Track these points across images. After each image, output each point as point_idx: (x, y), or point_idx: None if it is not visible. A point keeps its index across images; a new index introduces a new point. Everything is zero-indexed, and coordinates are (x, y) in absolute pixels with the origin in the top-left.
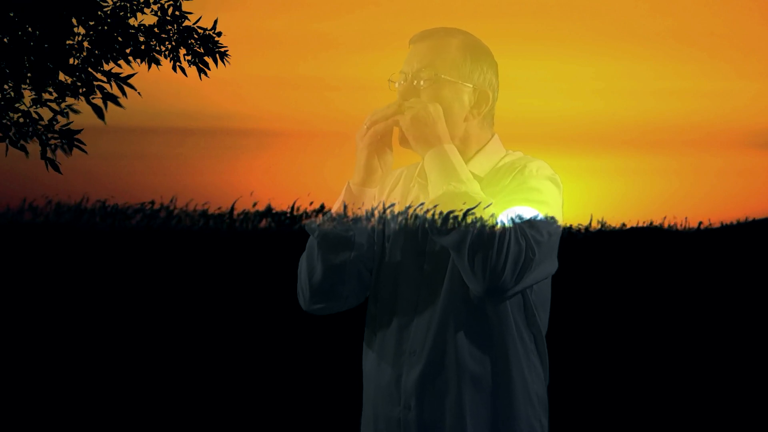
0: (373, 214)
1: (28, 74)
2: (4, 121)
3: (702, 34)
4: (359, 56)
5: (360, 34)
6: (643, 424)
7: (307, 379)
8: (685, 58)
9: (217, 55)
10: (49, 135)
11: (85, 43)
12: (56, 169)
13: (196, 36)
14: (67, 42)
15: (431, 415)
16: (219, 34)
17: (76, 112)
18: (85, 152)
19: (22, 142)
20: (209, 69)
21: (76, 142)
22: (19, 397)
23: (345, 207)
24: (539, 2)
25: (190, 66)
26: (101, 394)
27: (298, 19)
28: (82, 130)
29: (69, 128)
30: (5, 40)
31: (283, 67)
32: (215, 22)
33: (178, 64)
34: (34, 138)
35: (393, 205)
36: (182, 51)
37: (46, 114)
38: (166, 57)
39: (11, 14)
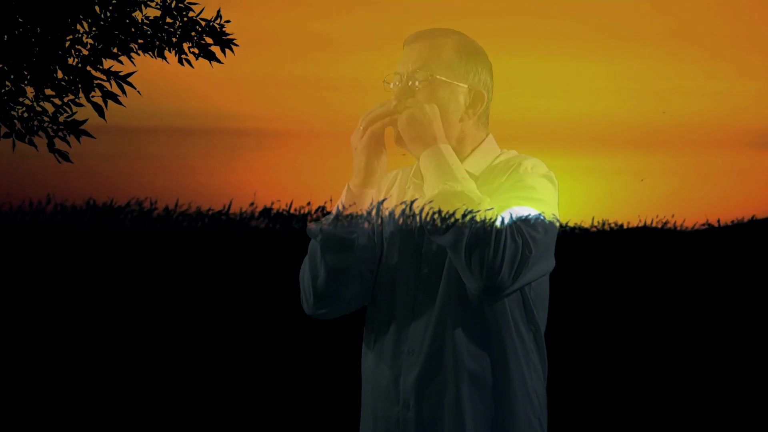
0: (371, 215)
1: (27, 74)
2: (12, 113)
3: (703, 34)
4: (358, 56)
5: (359, 34)
6: (642, 424)
7: (306, 379)
8: (686, 57)
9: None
10: (55, 127)
11: (88, 39)
12: (66, 158)
13: (199, 28)
14: (68, 37)
15: (430, 414)
16: (225, 22)
17: (79, 105)
18: (93, 137)
19: (29, 136)
20: (218, 60)
21: (82, 133)
22: (19, 397)
23: (346, 209)
24: (539, 2)
25: (196, 59)
26: (102, 394)
27: (297, 19)
28: (87, 120)
29: (74, 119)
30: (5, 37)
31: (282, 66)
32: (218, 11)
33: (183, 56)
34: (40, 132)
35: (389, 204)
36: (186, 45)
37: (49, 109)
38: (170, 50)
39: (12, 12)
